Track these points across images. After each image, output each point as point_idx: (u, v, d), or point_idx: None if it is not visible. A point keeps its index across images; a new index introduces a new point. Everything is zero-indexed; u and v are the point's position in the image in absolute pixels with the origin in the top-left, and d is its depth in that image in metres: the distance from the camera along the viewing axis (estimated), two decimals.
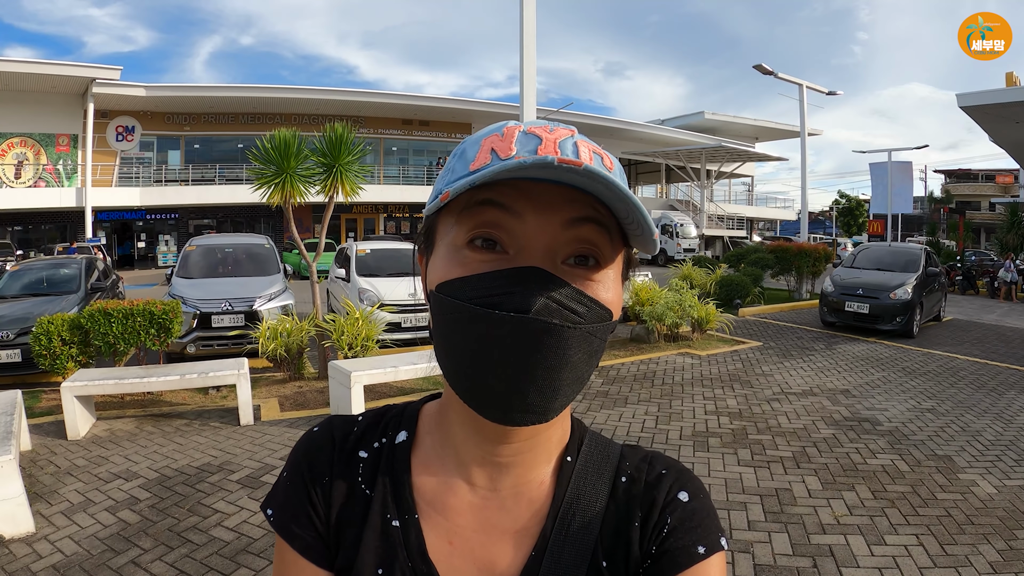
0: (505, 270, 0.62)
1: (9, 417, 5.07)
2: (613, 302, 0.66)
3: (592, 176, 0.57)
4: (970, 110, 17.01)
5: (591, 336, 0.63)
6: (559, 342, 0.60)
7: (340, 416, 0.82)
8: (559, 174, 0.59)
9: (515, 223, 0.63)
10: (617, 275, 0.69)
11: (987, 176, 59.22)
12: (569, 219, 0.63)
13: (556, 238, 0.63)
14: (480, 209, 0.63)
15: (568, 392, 0.63)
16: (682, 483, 0.75)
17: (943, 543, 4.18)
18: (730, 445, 6.05)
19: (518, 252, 0.63)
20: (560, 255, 0.64)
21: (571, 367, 0.62)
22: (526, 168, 0.57)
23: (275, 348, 8.02)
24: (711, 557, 0.70)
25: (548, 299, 0.60)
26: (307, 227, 32.55)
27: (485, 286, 0.61)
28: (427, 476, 0.75)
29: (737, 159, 42.60)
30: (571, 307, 0.61)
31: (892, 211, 26.34)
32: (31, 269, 10.78)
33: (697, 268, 15.58)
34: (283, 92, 32.51)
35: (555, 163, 0.56)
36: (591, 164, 0.57)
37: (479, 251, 0.64)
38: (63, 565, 3.83)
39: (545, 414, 0.63)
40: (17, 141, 29.17)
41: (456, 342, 0.63)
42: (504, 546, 0.72)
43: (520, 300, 0.59)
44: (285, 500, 0.76)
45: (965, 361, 10.29)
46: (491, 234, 0.63)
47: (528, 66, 10.81)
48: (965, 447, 6.09)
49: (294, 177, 8.39)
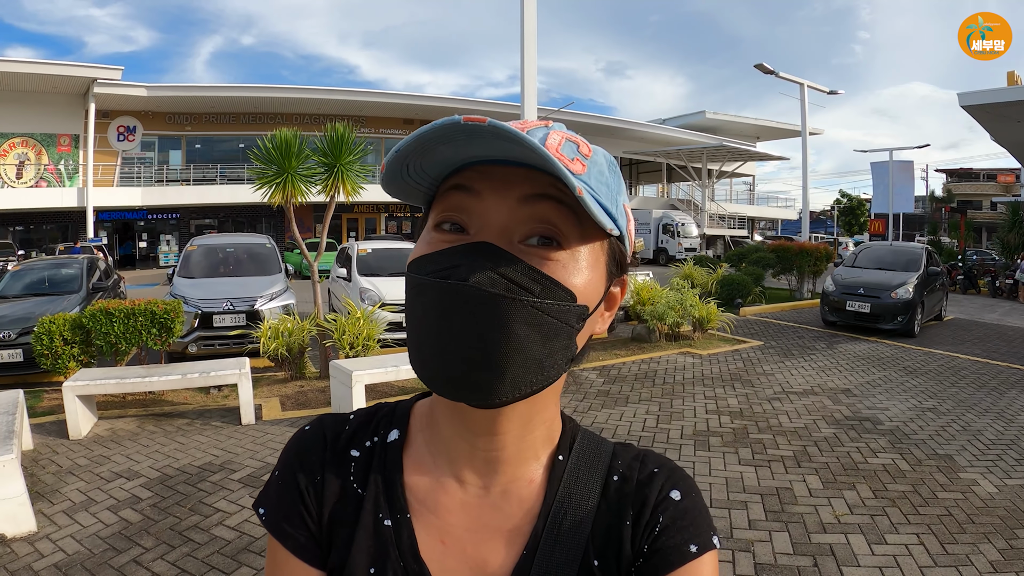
0: (458, 245, 0.64)
1: (11, 417, 5.08)
2: (580, 287, 0.65)
3: (499, 133, 0.57)
4: (971, 109, 17.01)
5: (541, 313, 0.61)
6: (497, 312, 0.59)
7: (331, 415, 0.82)
8: (493, 145, 0.61)
9: (475, 203, 0.65)
10: (591, 262, 0.67)
11: (988, 175, 59.13)
12: (525, 195, 0.63)
13: (512, 215, 0.64)
14: (449, 195, 0.66)
15: (519, 373, 0.62)
16: (674, 481, 0.75)
17: (944, 542, 4.18)
18: (731, 444, 6.05)
19: (478, 231, 0.64)
20: (517, 234, 0.64)
21: (515, 342, 0.60)
22: (436, 132, 0.59)
23: (276, 348, 8.02)
24: (703, 556, 0.69)
25: (494, 272, 0.60)
26: (308, 227, 32.57)
27: (440, 260, 0.63)
28: (419, 475, 0.75)
29: (738, 158, 42.58)
30: (519, 281, 0.61)
31: (893, 210, 26.30)
32: (33, 269, 10.80)
33: (698, 267, 15.56)
34: (284, 92, 32.52)
35: (460, 121, 0.57)
36: (499, 123, 0.57)
37: (445, 233, 0.66)
38: (65, 564, 3.84)
39: (492, 393, 0.62)
40: (19, 141, 29.20)
41: (413, 317, 0.65)
42: (496, 545, 0.72)
43: (464, 271, 0.60)
44: (277, 499, 0.76)
45: (966, 360, 10.29)
46: (454, 217, 0.66)
47: (529, 66, 10.80)
48: (966, 446, 6.09)
49: (295, 177, 8.40)
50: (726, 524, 4.42)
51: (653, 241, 35.90)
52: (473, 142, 0.60)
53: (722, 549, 4.04)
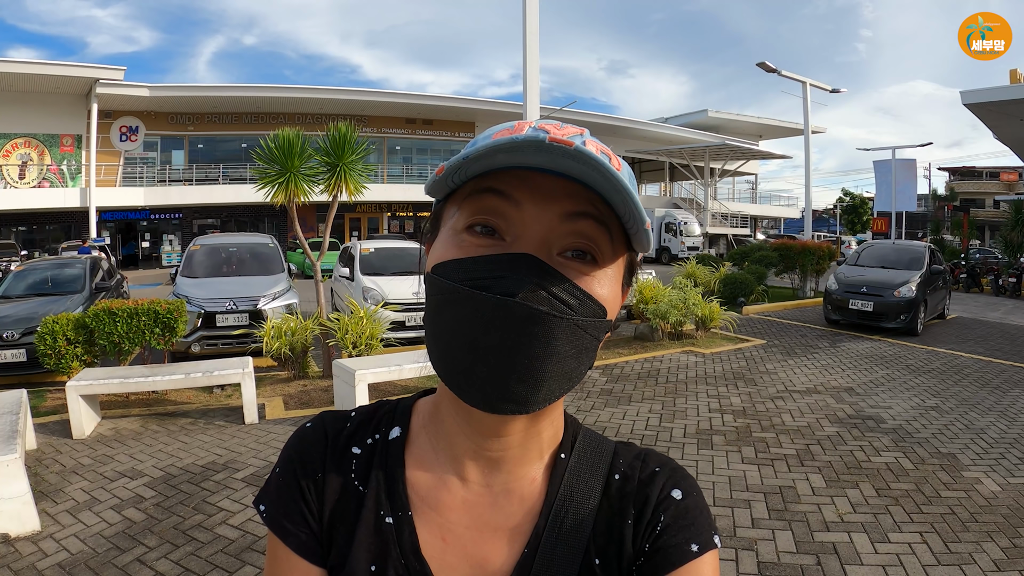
0: (498, 255, 0.62)
1: (14, 416, 5.09)
2: (609, 301, 0.66)
3: (583, 158, 0.57)
4: (974, 107, 17.01)
5: (580, 330, 0.63)
6: (544, 330, 0.60)
7: (332, 412, 0.82)
8: (555, 160, 0.59)
9: (514, 211, 0.63)
10: (616, 276, 0.69)
11: (991, 174, 59.03)
12: (567, 212, 0.63)
13: (553, 229, 0.63)
14: (482, 196, 0.64)
15: (553, 386, 0.63)
16: (675, 481, 0.75)
17: (947, 541, 4.17)
18: (734, 443, 6.04)
19: (514, 240, 0.63)
20: (556, 247, 0.64)
21: (556, 358, 0.61)
22: (518, 144, 0.58)
23: (279, 347, 8.04)
24: (704, 555, 0.70)
25: (538, 287, 0.60)
26: (311, 226, 32.60)
27: (477, 269, 0.62)
28: (421, 472, 0.75)
29: (741, 157, 42.55)
30: (561, 298, 0.61)
31: (896, 209, 26.24)
32: (36, 269, 10.81)
33: (701, 266, 15.54)
34: (286, 92, 32.57)
35: (546, 140, 0.56)
36: (585, 148, 0.57)
37: (477, 236, 0.64)
38: (69, 563, 3.85)
39: (527, 404, 0.63)
40: (21, 142, 29.26)
41: (443, 324, 0.63)
42: (497, 543, 0.72)
43: (509, 284, 0.60)
44: (278, 496, 0.76)
45: (969, 359, 10.27)
46: (490, 221, 0.64)
47: (531, 64, 10.80)
48: (969, 445, 6.08)
49: (298, 176, 8.42)
50: (729, 523, 4.42)
51: (656, 240, 35.79)
52: (539, 155, 0.60)
53: (725, 548, 4.05)
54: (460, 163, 0.61)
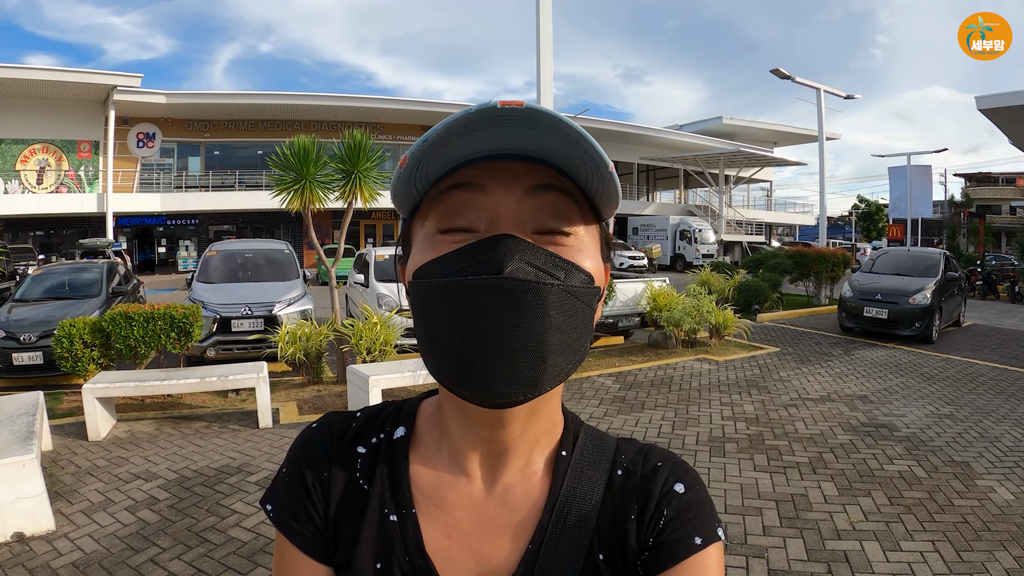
0: (476, 242, 0.63)
1: (31, 418, 5.15)
2: (592, 270, 0.67)
3: (536, 118, 0.59)
4: (990, 113, 16.88)
5: (571, 297, 0.63)
6: (538, 300, 0.60)
7: (338, 412, 0.83)
8: (509, 135, 0.61)
9: (481, 198, 0.65)
10: (594, 245, 0.70)
11: (1008, 179, 58.50)
12: (532, 186, 0.65)
13: (522, 206, 0.65)
14: (448, 195, 0.66)
15: (558, 360, 0.63)
16: (678, 475, 0.75)
17: (959, 549, 4.15)
18: (746, 450, 6.03)
19: (488, 227, 0.64)
20: (529, 224, 0.65)
21: (556, 330, 0.62)
22: (472, 119, 0.59)
23: (294, 352, 8.08)
24: (708, 548, 0.70)
25: (522, 261, 0.61)
26: (326, 233, 32.70)
27: (459, 260, 0.63)
28: (425, 470, 0.76)
29: (755, 164, 42.35)
30: (547, 268, 0.62)
31: (911, 215, 26.09)
32: (53, 273, 10.92)
33: (715, 273, 15.52)
34: (302, 99, 32.69)
35: (497, 104, 0.57)
36: (535, 104, 0.58)
37: (452, 234, 0.65)
38: (83, 563, 3.89)
39: (536, 384, 0.62)
40: (39, 147, 29.60)
41: (435, 323, 0.63)
42: (501, 540, 0.72)
43: (494, 264, 0.60)
44: (284, 496, 0.77)
45: (984, 367, 10.18)
46: (460, 220, 0.65)
47: (545, 72, 10.85)
48: (983, 453, 6.03)
49: (313, 183, 8.49)
50: (740, 530, 4.41)
51: (671, 247, 35.84)
52: (492, 132, 0.61)
53: (736, 555, 4.04)
54: (420, 148, 0.62)
